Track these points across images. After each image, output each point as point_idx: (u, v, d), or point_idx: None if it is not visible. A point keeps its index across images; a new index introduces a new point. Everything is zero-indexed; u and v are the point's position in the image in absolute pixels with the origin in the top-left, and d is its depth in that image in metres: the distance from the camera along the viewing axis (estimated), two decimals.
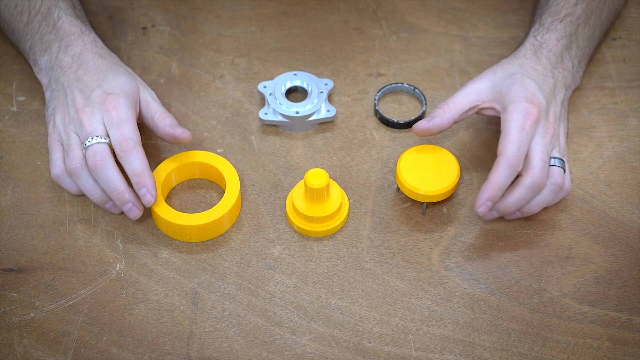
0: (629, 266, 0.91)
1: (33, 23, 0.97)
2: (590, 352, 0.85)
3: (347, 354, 0.86)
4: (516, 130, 0.88)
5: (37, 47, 0.96)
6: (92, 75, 0.93)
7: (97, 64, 0.94)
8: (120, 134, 0.88)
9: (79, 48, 0.95)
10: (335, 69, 1.05)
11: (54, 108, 0.93)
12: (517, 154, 0.87)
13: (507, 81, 0.92)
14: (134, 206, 0.90)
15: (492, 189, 0.87)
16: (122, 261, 0.91)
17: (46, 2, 0.97)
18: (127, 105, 0.90)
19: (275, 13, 1.10)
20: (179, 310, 0.88)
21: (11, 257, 0.91)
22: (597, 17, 0.99)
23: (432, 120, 0.92)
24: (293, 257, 0.92)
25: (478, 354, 0.86)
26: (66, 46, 0.95)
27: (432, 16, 1.10)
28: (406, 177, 0.92)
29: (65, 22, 0.96)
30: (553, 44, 0.95)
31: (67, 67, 0.94)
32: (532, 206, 0.90)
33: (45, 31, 0.96)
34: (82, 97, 0.91)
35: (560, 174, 0.90)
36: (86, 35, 0.96)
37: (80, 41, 0.95)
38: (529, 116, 0.88)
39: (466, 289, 0.89)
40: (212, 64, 1.06)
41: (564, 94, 0.94)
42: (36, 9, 0.97)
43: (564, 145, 0.92)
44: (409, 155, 0.93)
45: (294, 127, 1.00)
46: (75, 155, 0.89)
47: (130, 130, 0.89)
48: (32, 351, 0.86)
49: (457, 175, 0.92)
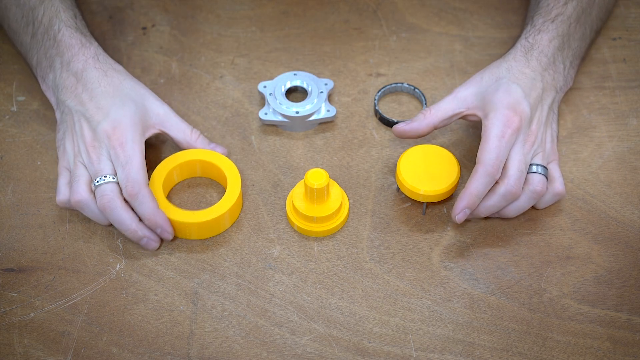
0: (629, 266, 0.91)
1: (37, 36, 0.96)
2: (590, 352, 0.85)
3: (347, 354, 0.86)
4: (495, 138, 0.88)
5: (43, 63, 0.96)
6: (97, 102, 0.91)
7: (102, 86, 0.92)
8: (125, 176, 0.88)
9: (80, 64, 0.93)
10: (335, 69, 1.05)
11: (64, 132, 0.93)
12: (495, 162, 0.87)
13: (492, 87, 0.92)
14: (149, 240, 0.90)
15: (469, 197, 0.88)
16: (122, 261, 0.91)
17: (47, 13, 0.96)
18: (134, 140, 0.90)
19: (275, 13, 1.10)
20: (179, 310, 0.88)
21: (11, 257, 0.91)
22: (587, 15, 0.99)
23: (411, 124, 0.93)
24: (293, 257, 0.92)
25: (478, 354, 0.86)
26: (68, 62, 0.94)
27: (432, 16, 1.10)
28: (406, 177, 0.92)
29: (65, 34, 0.95)
30: (545, 45, 0.95)
31: (71, 89, 0.93)
32: (509, 211, 0.91)
33: (48, 45, 0.95)
34: (89, 128, 0.91)
35: (540, 181, 0.90)
36: (87, 48, 0.95)
37: (82, 55, 0.94)
38: (510, 124, 0.88)
39: (466, 289, 0.89)
40: (212, 64, 1.06)
41: (553, 97, 0.94)
42: (39, 20, 0.96)
43: (550, 150, 0.92)
44: (409, 155, 0.93)
45: (294, 127, 1.00)
46: (80, 188, 0.89)
47: (135, 172, 0.88)
48: (32, 351, 0.86)
49: (457, 175, 0.92)
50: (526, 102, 0.90)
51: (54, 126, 1.00)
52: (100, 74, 0.93)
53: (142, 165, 0.89)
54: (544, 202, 0.93)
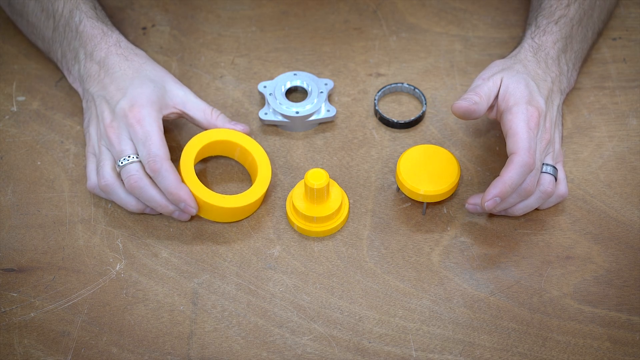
0: (629, 266, 0.91)
1: (59, 29, 0.97)
2: (590, 352, 0.85)
3: (347, 354, 0.86)
4: (525, 128, 0.87)
5: (68, 55, 0.97)
6: (118, 84, 0.92)
7: (122, 69, 0.94)
8: (146, 152, 0.89)
9: (103, 52, 0.95)
10: (335, 69, 1.05)
11: (89, 119, 0.94)
12: (530, 152, 0.86)
13: (513, 81, 0.91)
14: (181, 212, 0.91)
15: (503, 185, 0.87)
16: (122, 261, 0.91)
17: (67, 5, 0.97)
18: (151, 116, 0.90)
19: (275, 13, 1.10)
20: (179, 310, 0.88)
21: (11, 257, 0.91)
22: (589, 17, 0.99)
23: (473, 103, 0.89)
24: (293, 257, 0.92)
25: (478, 354, 0.86)
26: (91, 52, 0.95)
27: (432, 16, 1.10)
28: (406, 177, 0.91)
29: (87, 25, 0.96)
30: (550, 46, 0.95)
31: (95, 76, 0.94)
32: (517, 209, 0.91)
33: (71, 37, 0.96)
34: (109, 109, 0.92)
35: (550, 182, 0.90)
36: (109, 36, 0.96)
37: (104, 44, 0.95)
38: (533, 118, 0.88)
39: (466, 289, 0.89)
40: (212, 64, 1.06)
41: (559, 98, 0.94)
42: (59, 12, 0.97)
43: (558, 151, 0.92)
44: (408, 155, 0.93)
45: (294, 127, 1.00)
46: (106, 172, 0.90)
47: (156, 147, 0.89)
48: (32, 351, 0.86)
49: (457, 175, 0.92)
50: (543, 100, 0.90)
51: (54, 126, 1.00)
52: (121, 59, 0.94)
53: (161, 140, 0.90)
54: (547, 203, 0.93)
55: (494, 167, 0.97)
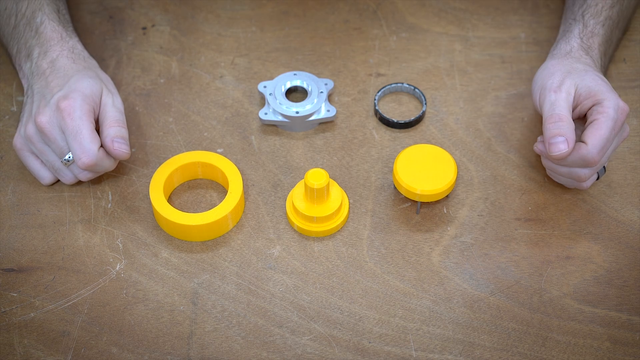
0: (629, 266, 0.91)
1: (19, 27, 0.98)
2: (590, 352, 0.85)
3: (347, 354, 0.86)
4: (610, 127, 0.87)
5: (22, 52, 0.97)
6: (58, 81, 0.93)
7: (66, 69, 0.94)
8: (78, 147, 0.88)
9: (55, 54, 0.95)
10: (335, 69, 1.05)
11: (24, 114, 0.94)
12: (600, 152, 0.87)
13: (589, 76, 0.90)
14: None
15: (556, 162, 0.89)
16: (122, 261, 0.91)
17: (31, 5, 0.98)
18: (82, 109, 0.90)
19: (275, 13, 1.10)
20: (179, 310, 0.88)
21: (11, 257, 0.91)
22: (623, 21, 1.00)
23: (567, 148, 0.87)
24: (293, 257, 0.92)
25: (478, 354, 0.86)
26: (45, 52, 0.95)
27: (432, 16, 1.10)
28: (403, 176, 0.91)
29: (47, 27, 0.97)
30: (596, 48, 0.94)
31: (41, 74, 0.94)
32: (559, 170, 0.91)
33: (29, 36, 0.97)
34: (44, 104, 0.91)
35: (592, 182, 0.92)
36: (65, 41, 0.97)
37: (59, 47, 0.96)
38: (621, 117, 0.88)
39: (466, 289, 0.89)
40: (212, 64, 1.06)
41: None
42: (22, 12, 0.98)
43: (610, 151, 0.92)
44: (405, 155, 0.93)
45: (294, 127, 1.00)
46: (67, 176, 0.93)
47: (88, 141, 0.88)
48: (32, 351, 0.86)
49: (454, 175, 0.92)
50: None
51: None
52: (70, 62, 0.95)
53: (93, 131, 0.89)
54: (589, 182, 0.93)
55: (494, 167, 0.97)
